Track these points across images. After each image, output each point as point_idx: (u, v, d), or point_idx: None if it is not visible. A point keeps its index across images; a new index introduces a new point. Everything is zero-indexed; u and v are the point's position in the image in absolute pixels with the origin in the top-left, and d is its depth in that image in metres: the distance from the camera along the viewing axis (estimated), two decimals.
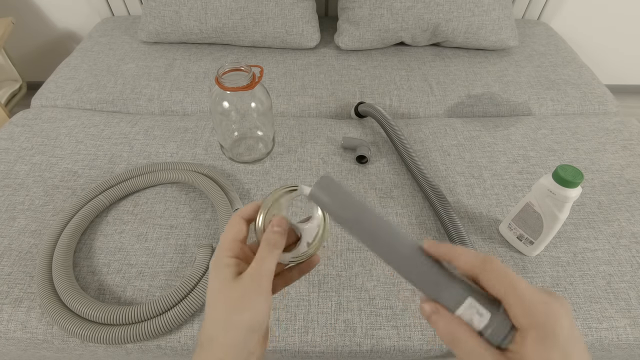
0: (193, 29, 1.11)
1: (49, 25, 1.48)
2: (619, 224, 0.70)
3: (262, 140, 0.82)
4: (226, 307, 0.29)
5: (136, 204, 0.73)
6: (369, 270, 0.64)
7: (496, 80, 1.06)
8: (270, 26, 1.10)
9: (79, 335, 0.55)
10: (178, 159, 0.81)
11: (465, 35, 1.12)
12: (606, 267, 0.64)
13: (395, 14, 1.08)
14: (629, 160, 0.82)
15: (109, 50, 1.15)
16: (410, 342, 0.58)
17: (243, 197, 0.74)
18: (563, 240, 0.68)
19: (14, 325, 0.59)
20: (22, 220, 0.70)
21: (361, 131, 0.89)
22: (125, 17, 1.33)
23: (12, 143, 0.84)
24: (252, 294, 0.28)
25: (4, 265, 0.64)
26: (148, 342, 0.57)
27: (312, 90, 1.02)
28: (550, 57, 1.15)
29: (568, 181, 0.53)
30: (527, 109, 1.00)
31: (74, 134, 0.86)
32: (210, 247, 0.64)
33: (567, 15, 1.43)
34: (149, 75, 1.05)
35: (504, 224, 0.68)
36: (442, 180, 0.78)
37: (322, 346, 0.57)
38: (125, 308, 0.56)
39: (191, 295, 0.58)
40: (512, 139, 0.87)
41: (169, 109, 0.99)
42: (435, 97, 1.01)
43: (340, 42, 1.14)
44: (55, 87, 1.02)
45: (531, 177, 0.78)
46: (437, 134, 0.88)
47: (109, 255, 0.65)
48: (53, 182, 0.76)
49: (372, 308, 0.60)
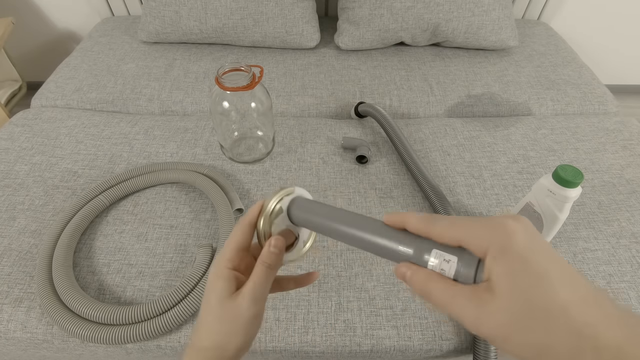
0: (193, 29, 1.11)
1: (49, 25, 1.48)
2: (619, 224, 0.70)
3: (262, 140, 0.82)
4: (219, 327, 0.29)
5: (136, 204, 0.73)
6: (369, 270, 0.64)
7: (496, 80, 1.06)
8: (270, 26, 1.10)
9: (79, 335, 0.55)
10: (178, 159, 0.81)
11: (465, 35, 1.12)
12: (606, 267, 0.64)
13: (395, 14, 1.08)
14: (629, 160, 0.82)
15: (109, 50, 1.15)
16: (410, 342, 0.57)
17: (243, 197, 0.74)
18: (563, 240, 0.68)
19: (14, 325, 0.59)
20: (22, 220, 0.70)
21: (361, 131, 0.89)
22: (125, 17, 1.33)
23: (12, 143, 0.84)
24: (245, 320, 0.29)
25: (4, 265, 0.64)
26: (148, 342, 0.57)
27: (312, 90, 1.02)
28: (550, 57, 1.15)
29: (568, 181, 0.53)
30: (527, 109, 1.00)
31: (74, 134, 0.86)
32: (210, 247, 0.64)
33: (567, 15, 1.43)
34: (149, 75, 1.05)
35: None
36: (442, 180, 0.78)
37: (322, 346, 0.57)
38: (125, 308, 0.56)
39: (191, 295, 0.58)
40: (512, 139, 0.87)
41: (169, 109, 0.99)
42: (435, 97, 1.01)
43: (340, 42, 1.14)
44: (55, 87, 1.02)
45: (531, 177, 0.78)
46: (437, 134, 0.88)
47: (109, 255, 0.65)
48: (53, 182, 0.76)
49: (372, 308, 0.60)
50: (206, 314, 0.30)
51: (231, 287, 0.30)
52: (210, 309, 0.30)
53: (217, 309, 0.29)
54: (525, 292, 0.21)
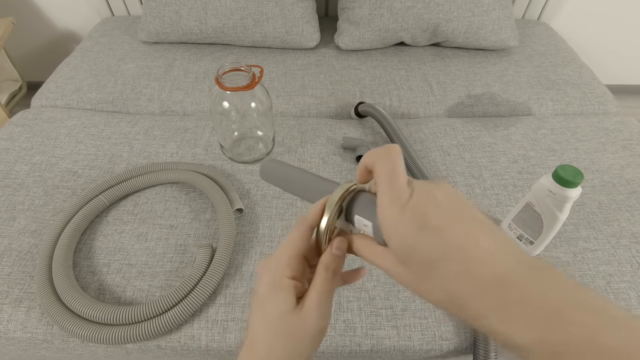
0: (193, 29, 1.11)
1: (49, 25, 1.48)
2: (619, 224, 0.70)
3: (262, 140, 0.82)
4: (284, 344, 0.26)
5: (136, 204, 0.73)
6: (369, 270, 0.64)
7: (496, 80, 1.06)
8: (270, 26, 1.10)
9: (79, 335, 0.55)
10: (178, 159, 0.81)
11: (465, 35, 1.12)
12: (606, 267, 0.64)
13: (395, 14, 1.08)
14: (629, 160, 0.82)
15: (109, 50, 1.15)
16: (410, 342, 0.57)
17: (243, 197, 0.74)
18: (563, 240, 0.68)
19: (14, 325, 0.59)
20: (22, 220, 0.70)
21: (361, 131, 0.89)
22: (125, 17, 1.33)
23: (12, 143, 0.84)
24: (313, 336, 0.27)
25: (4, 265, 0.64)
26: (148, 342, 0.57)
27: (312, 90, 1.02)
28: (550, 57, 1.15)
29: (568, 181, 0.53)
30: (527, 109, 1.00)
31: (74, 134, 0.86)
32: (210, 247, 0.64)
33: (567, 15, 1.43)
34: (149, 75, 1.05)
35: (504, 224, 0.68)
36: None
37: (322, 346, 0.57)
38: (125, 308, 0.56)
39: (191, 295, 0.58)
40: (512, 139, 0.87)
41: (169, 109, 0.99)
42: (435, 97, 1.01)
43: (340, 42, 1.14)
44: (55, 87, 1.02)
45: (531, 177, 0.78)
46: (437, 134, 0.88)
47: (109, 255, 0.65)
48: (53, 182, 0.76)
49: (372, 308, 0.60)
50: (265, 330, 0.27)
51: (293, 300, 0.27)
52: (270, 325, 0.27)
53: (279, 325, 0.26)
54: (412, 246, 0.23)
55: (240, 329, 0.58)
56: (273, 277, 0.27)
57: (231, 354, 0.58)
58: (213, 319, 0.59)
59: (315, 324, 0.26)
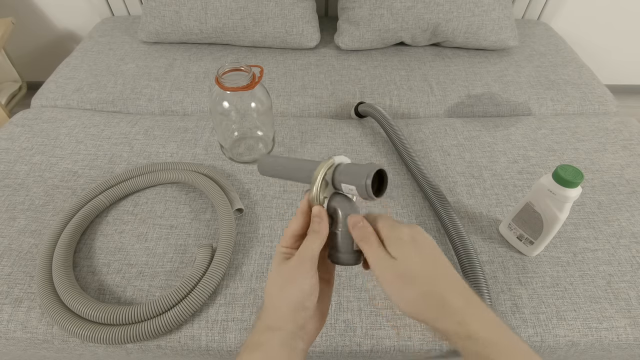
0: (193, 29, 1.11)
1: (49, 25, 1.48)
2: (619, 224, 0.70)
3: (262, 140, 0.82)
4: (276, 284, 0.35)
5: (136, 204, 0.73)
6: (369, 270, 0.64)
7: (496, 80, 1.06)
8: (270, 26, 1.10)
9: (79, 335, 0.55)
10: (178, 159, 0.81)
11: (465, 35, 1.12)
12: (606, 267, 0.64)
13: (395, 14, 1.08)
14: (629, 160, 0.82)
15: (109, 50, 1.15)
16: (410, 342, 0.58)
17: (243, 197, 0.74)
18: (563, 240, 0.68)
19: (14, 325, 0.59)
20: (22, 220, 0.70)
21: (361, 131, 0.89)
22: (125, 17, 1.33)
23: (12, 143, 0.84)
24: (296, 274, 0.34)
25: (4, 265, 0.64)
26: (148, 342, 0.57)
27: (312, 90, 1.02)
28: (550, 57, 1.15)
29: (568, 181, 0.53)
30: (527, 109, 1.00)
31: (74, 134, 0.86)
32: (210, 247, 0.64)
33: (567, 15, 1.43)
34: (149, 75, 1.05)
35: (504, 224, 0.68)
36: (442, 180, 0.78)
37: (322, 346, 0.57)
38: (125, 308, 0.56)
39: (191, 295, 0.58)
40: (512, 139, 0.87)
41: (169, 109, 0.99)
42: (435, 97, 1.01)
43: (340, 42, 1.14)
44: (55, 87, 1.02)
45: (531, 177, 0.78)
46: (437, 134, 0.88)
47: (109, 255, 0.65)
48: (53, 182, 0.76)
49: (372, 308, 0.60)
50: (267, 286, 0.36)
51: (285, 258, 0.36)
52: (270, 280, 0.36)
53: (274, 275, 0.36)
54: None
55: (240, 329, 0.58)
56: (277, 247, 0.37)
57: (231, 354, 0.58)
58: (213, 319, 0.59)
59: (295, 267, 0.34)
